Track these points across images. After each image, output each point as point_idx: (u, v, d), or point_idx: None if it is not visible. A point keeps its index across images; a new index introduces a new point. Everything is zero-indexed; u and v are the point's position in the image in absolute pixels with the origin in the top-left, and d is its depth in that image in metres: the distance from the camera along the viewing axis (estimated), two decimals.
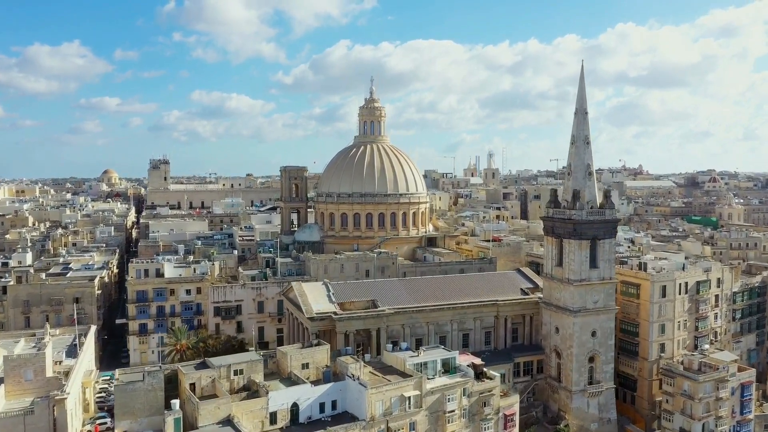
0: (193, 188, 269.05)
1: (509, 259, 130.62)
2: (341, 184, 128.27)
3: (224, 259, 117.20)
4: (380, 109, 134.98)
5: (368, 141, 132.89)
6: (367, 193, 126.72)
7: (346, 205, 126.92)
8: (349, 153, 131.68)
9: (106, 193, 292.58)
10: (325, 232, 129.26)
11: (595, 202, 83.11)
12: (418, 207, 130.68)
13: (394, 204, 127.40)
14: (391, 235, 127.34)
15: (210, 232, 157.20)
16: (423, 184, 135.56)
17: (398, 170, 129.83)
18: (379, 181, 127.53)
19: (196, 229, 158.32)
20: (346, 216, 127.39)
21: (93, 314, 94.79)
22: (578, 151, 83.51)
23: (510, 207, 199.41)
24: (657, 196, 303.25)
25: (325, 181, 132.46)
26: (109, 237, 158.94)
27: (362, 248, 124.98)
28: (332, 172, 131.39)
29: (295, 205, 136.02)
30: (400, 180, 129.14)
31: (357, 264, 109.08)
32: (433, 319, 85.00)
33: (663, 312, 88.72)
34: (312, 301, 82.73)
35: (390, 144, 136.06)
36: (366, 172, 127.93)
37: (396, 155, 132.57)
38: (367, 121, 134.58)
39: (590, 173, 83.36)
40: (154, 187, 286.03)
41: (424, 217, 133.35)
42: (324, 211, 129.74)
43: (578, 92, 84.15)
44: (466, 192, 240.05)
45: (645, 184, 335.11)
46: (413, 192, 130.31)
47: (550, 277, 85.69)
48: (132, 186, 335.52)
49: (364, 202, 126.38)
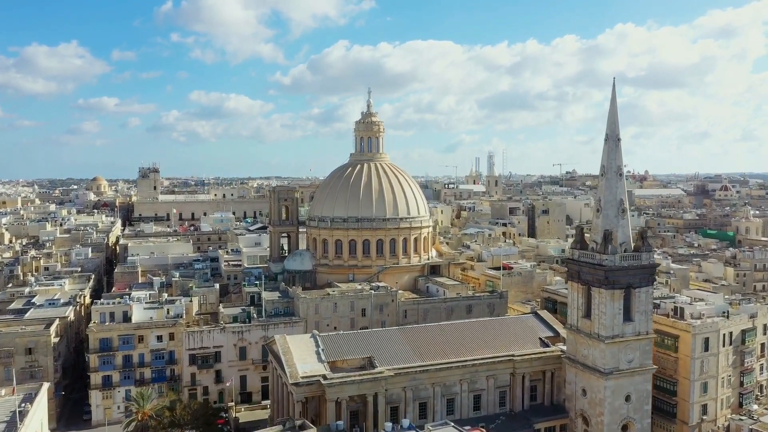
0: (183, 199, 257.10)
1: (520, 289, 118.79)
2: (335, 208, 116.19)
3: (204, 294, 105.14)
4: (378, 123, 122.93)
5: (365, 159, 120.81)
6: (363, 217, 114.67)
7: (340, 230, 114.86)
8: (344, 173, 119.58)
9: (93, 203, 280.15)
10: (318, 260, 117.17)
11: (629, 243, 71.10)
12: (420, 232, 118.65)
13: (393, 229, 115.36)
14: (391, 263, 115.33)
15: (194, 255, 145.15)
16: (425, 206, 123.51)
17: (398, 192, 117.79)
18: (377, 205, 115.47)
19: (180, 252, 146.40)
20: (341, 243, 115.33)
21: (48, 368, 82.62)
22: (609, 184, 71.46)
23: (517, 223, 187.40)
24: (667, 206, 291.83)
25: (317, 204, 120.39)
26: (85, 260, 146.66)
27: (359, 278, 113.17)
28: (326, 193, 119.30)
29: (286, 229, 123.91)
30: (400, 203, 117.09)
31: (352, 302, 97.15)
32: (440, 379, 73.00)
33: (706, 368, 76.77)
34: (298, 359, 70.66)
35: (389, 162, 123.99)
36: (362, 194, 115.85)
37: (396, 175, 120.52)
38: (363, 137, 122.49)
39: (623, 210, 71.30)
40: (142, 196, 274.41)
41: (427, 243, 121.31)
42: (317, 236, 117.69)
43: (609, 116, 72.09)
44: (469, 204, 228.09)
45: (653, 193, 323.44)
46: (414, 216, 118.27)
47: (576, 330, 73.68)
48: (121, 195, 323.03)
49: (361, 227, 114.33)
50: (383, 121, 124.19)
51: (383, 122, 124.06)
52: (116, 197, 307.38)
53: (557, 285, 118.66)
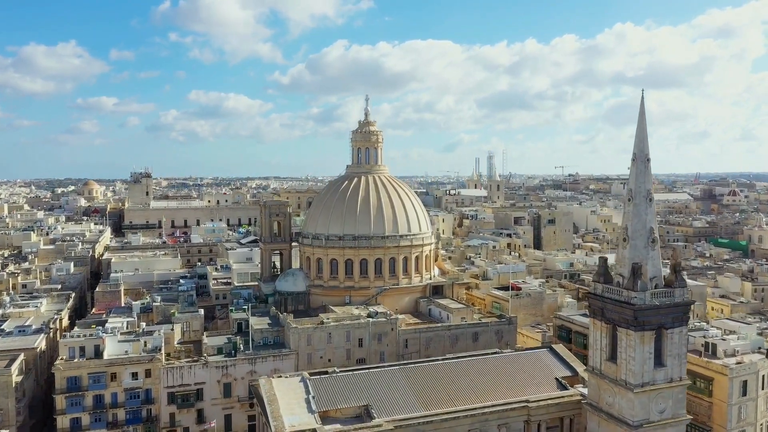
0: (175, 206, 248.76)
1: (529, 312, 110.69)
2: (330, 224, 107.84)
3: (188, 320, 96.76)
4: (377, 133, 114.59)
5: (362, 172, 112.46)
6: (361, 235, 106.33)
7: (336, 249, 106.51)
8: (339, 186, 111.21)
9: (84, 209, 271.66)
10: (312, 281, 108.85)
11: (660, 278, 62.83)
12: (422, 250, 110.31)
13: (393, 248, 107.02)
14: (390, 284, 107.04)
15: (182, 271, 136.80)
16: (427, 221, 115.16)
17: (398, 207, 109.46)
18: (375, 221, 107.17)
19: (166, 267, 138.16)
20: (336, 262, 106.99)
21: (9, 411, 74.20)
22: (638, 210, 63.21)
23: (522, 233, 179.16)
24: (674, 211, 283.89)
25: (311, 220, 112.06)
26: (67, 275, 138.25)
27: (356, 300, 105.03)
28: (320, 209, 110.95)
29: (277, 246, 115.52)
30: (400, 219, 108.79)
31: (348, 332, 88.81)
32: (446, 431, 64.75)
33: (743, 415, 68.62)
34: (285, 409, 62.41)
35: (388, 175, 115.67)
36: (360, 209, 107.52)
37: (395, 188, 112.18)
38: (361, 148, 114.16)
39: (654, 240, 63.04)
40: (134, 202, 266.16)
41: (429, 261, 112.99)
42: (310, 255, 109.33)
43: (637, 133, 63.83)
44: (472, 211, 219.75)
45: (659, 198, 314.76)
46: (416, 233, 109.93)
47: (599, 374, 65.42)
48: (113, 200, 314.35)
49: (358, 246, 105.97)
50: (382, 131, 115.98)
51: (382, 132, 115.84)
52: (107, 202, 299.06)
53: (569, 309, 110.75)
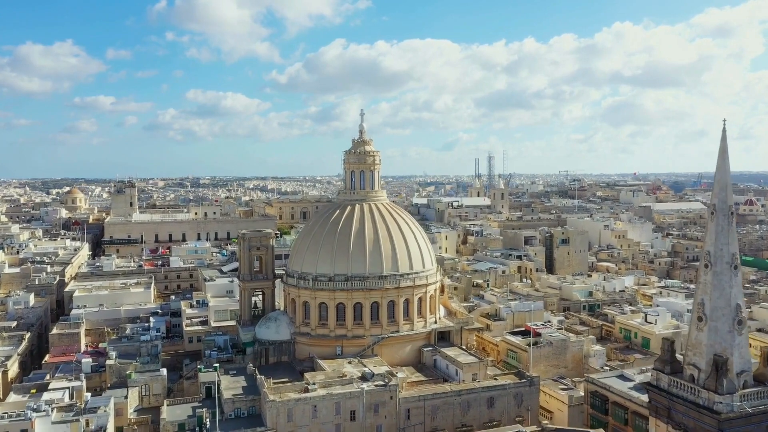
0: (159, 219, 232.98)
1: (551, 363, 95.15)
2: (319, 262, 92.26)
3: (147, 383, 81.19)
4: (373, 154, 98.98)
5: (357, 199, 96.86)
6: (354, 275, 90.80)
7: (325, 292, 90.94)
8: (330, 217, 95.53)
9: (64, 221, 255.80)
10: (297, 327, 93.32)
11: (750, 372, 47.41)
12: (425, 290, 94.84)
13: (392, 290, 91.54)
14: (389, 331, 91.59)
15: (153, 306, 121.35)
16: (431, 255, 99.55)
17: (398, 241, 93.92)
18: (371, 259, 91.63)
19: (138, 301, 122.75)
20: (326, 306, 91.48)
21: None
22: (719, 280, 47.83)
23: (533, 255, 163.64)
24: (689, 222, 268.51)
25: (297, 256, 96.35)
26: (25, 309, 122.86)
27: (348, 351, 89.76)
28: (307, 243, 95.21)
29: (259, 285, 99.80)
30: (400, 255, 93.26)
31: (337, 404, 73.26)
32: None
33: None
34: None
35: (387, 201, 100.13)
36: (353, 244, 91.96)
37: (395, 218, 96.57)
38: (355, 170, 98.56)
39: (740, 321, 47.58)
40: (117, 213, 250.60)
41: (434, 302, 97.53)
42: (296, 297, 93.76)
43: (717, 177, 48.46)
44: (476, 227, 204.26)
45: (672, 207, 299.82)
46: (418, 270, 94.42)
47: None
48: (98, 208, 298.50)
49: (351, 288, 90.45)
50: (379, 151, 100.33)
51: (379, 152, 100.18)
52: (91, 212, 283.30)
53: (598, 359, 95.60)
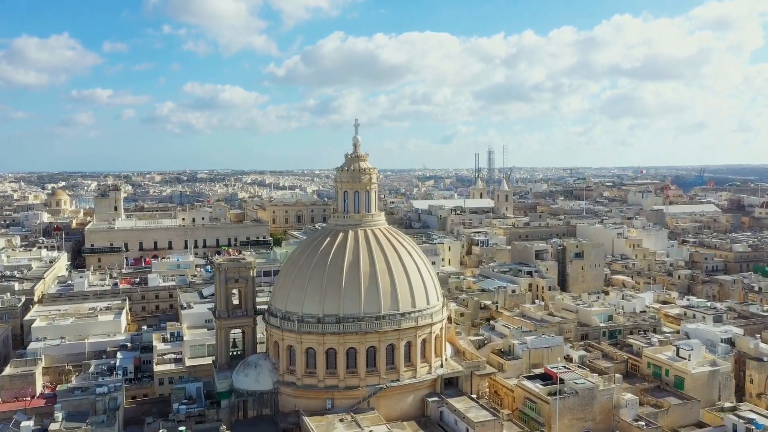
0: (144, 225, 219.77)
1: (576, 416, 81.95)
2: (306, 300, 78.97)
3: None
4: (369, 171, 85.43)
5: (350, 225, 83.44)
6: (348, 315, 77.56)
7: (313, 335, 77.68)
8: (319, 246, 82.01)
9: (45, 227, 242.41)
10: (281, 376, 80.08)
11: None
12: (430, 330, 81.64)
13: (392, 332, 78.33)
14: (388, 380, 78.47)
15: (123, 337, 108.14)
16: (437, 287, 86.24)
17: (398, 273, 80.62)
18: (367, 295, 78.35)
19: (106, 331, 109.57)
20: (314, 352, 78.25)
21: None
22: None
23: (545, 270, 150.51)
24: (703, 226, 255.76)
25: (280, 292, 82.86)
26: None
27: (340, 405, 76.80)
28: (292, 277, 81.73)
29: (237, 322, 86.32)
30: (401, 290, 79.99)
31: None
32: None
33: None
34: None
35: (385, 227, 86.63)
36: (346, 279, 78.62)
37: (394, 246, 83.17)
38: (348, 191, 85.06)
39: None
40: (101, 218, 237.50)
41: (439, 343, 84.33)
42: (279, 340, 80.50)
43: None
44: (481, 236, 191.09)
45: (685, 210, 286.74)
46: (422, 308, 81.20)
47: None
48: (83, 211, 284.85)
49: (344, 331, 77.20)
50: (376, 168, 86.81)
51: (376, 169, 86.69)
52: (74, 216, 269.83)
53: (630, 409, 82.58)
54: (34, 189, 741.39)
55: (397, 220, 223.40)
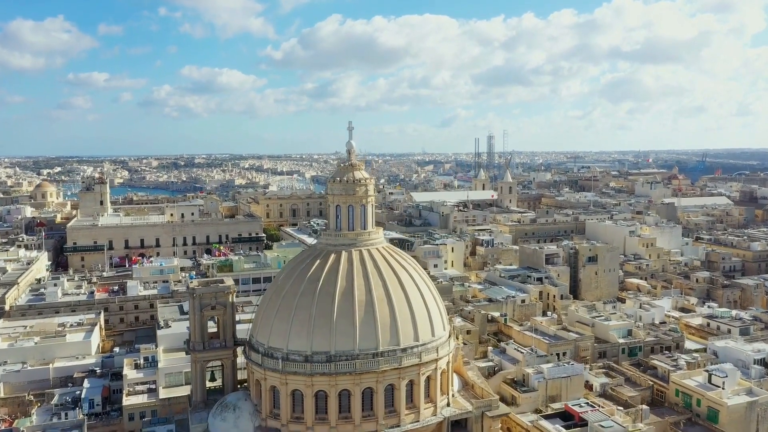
0: (129, 222, 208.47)
1: None
2: (292, 335, 68.12)
3: None
4: (365, 182, 74.06)
5: (343, 244, 72.35)
6: (340, 353, 66.77)
7: (301, 376, 66.90)
8: (307, 270, 70.89)
9: (28, 222, 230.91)
10: (264, 420, 69.35)
11: None
12: (435, 365, 70.91)
13: (391, 371, 67.58)
14: (388, 425, 67.92)
15: (92, 361, 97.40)
16: (443, 315, 75.36)
17: (399, 301, 69.70)
18: (363, 329, 67.50)
19: (75, 353, 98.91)
20: (302, 395, 67.53)
21: None
22: None
23: (556, 276, 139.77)
24: (716, 221, 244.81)
25: (263, 323, 71.87)
26: None
27: None
28: (275, 307, 70.71)
29: (215, 355, 75.51)
30: (402, 321, 69.14)
31: None
32: None
33: None
34: None
35: (385, 245, 75.47)
36: (338, 310, 67.69)
37: (393, 270, 72.09)
38: (341, 204, 73.80)
39: None
40: (85, 213, 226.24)
41: (446, 379, 73.64)
42: (261, 379, 69.75)
43: None
44: (486, 234, 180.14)
45: (697, 203, 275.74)
46: (426, 341, 70.42)
47: None
48: (69, 207, 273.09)
49: (336, 371, 66.42)
50: (373, 177, 75.61)
51: (372, 179, 75.42)
52: (59, 210, 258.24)
53: None
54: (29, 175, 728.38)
55: (396, 216, 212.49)
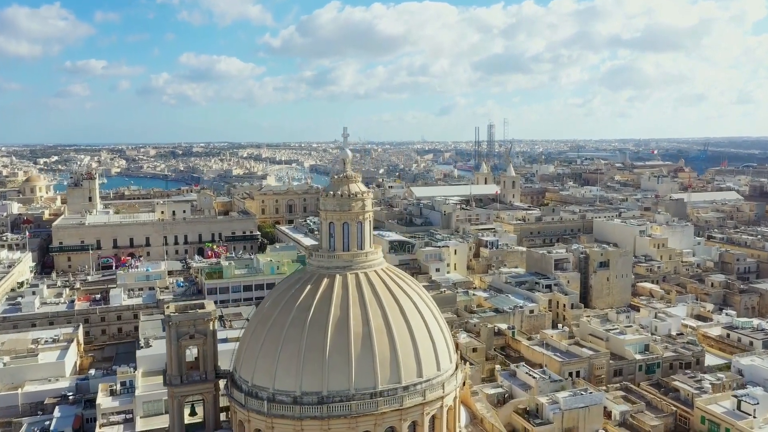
0: (118, 221, 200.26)
1: None
2: (279, 372, 60.16)
3: None
4: (362, 197, 65.70)
5: (338, 267, 64.19)
6: (334, 393, 58.84)
7: (288, 420, 58.99)
8: (297, 298, 62.79)
9: (14, 218, 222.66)
10: None
11: None
12: (441, 403, 63.01)
13: (391, 413, 59.70)
14: None
15: (65, 384, 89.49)
16: (449, 346, 67.34)
17: (401, 333, 61.71)
18: (359, 365, 59.54)
19: (47, 375, 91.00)
20: None
21: None
22: None
23: (566, 282, 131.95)
24: (726, 217, 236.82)
25: (246, 357, 63.84)
26: None
27: None
28: (259, 339, 62.67)
29: (194, 389, 67.68)
30: (404, 355, 61.18)
31: None
32: None
33: None
34: None
35: (385, 267, 67.25)
36: (332, 344, 59.67)
37: (394, 295, 63.98)
38: (335, 221, 65.51)
39: None
40: (73, 210, 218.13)
41: (452, 416, 65.75)
42: (244, 420, 61.81)
43: None
44: (490, 235, 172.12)
45: (705, 198, 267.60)
46: (431, 376, 62.52)
47: None
48: (59, 202, 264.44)
49: (328, 414, 58.46)
50: (370, 191, 67.32)
51: (370, 192, 67.09)
52: (48, 206, 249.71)
53: None
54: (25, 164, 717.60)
55: (396, 214, 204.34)
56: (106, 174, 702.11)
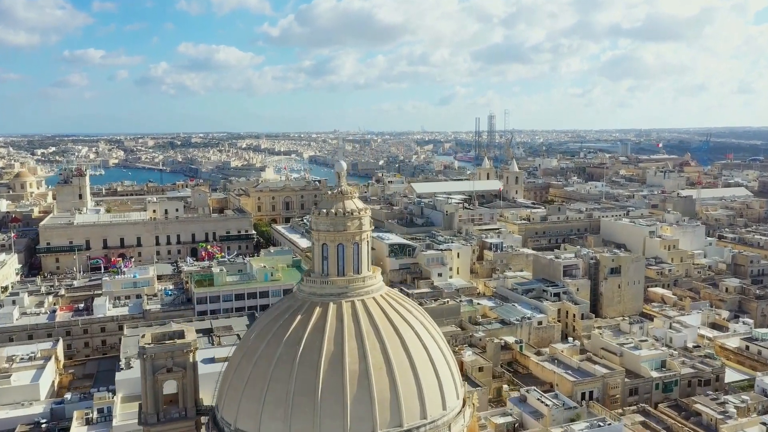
0: (108, 220, 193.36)
1: None
2: (264, 415, 53.41)
3: None
4: (358, 215, 58.63)
5: (332, 294, 57.28)
6: None
7: None
8: (285, 330, 55.95)
9: (1, 217, 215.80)
10: None
11: None
12: None
13: None
14: None
15: (39, 411, 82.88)
16: (456, 381, 60.51)
17: (402, 370, 54.88)
18: (355, 408, 52.80)
19: (20, 399, 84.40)
20: None
21: None
22: None
23: (575, 290, 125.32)
24: (735, 214, 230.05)
25: (229, 396, 57.09)
26: None
27: None
28: (243, 377, 55.98)
29: (173, 427, 61.07)
30: (406, 394, 54.40)
31: None
32: None
33: None
34: None
35: (383, 293, 60.34)
36: (324, 383, 52.88)
37: (394, 325, 57.10)
38: (328, 243, 58.57)
39: None
40: (63, 208, 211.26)
41: None
42: None
43: None
44: (494, 236, 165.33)
45: (714, 195, 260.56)
46: (436, 417, 55.81)
47: None
48: (50, 198, 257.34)
49: None
50: (368, 208, 60.31)
51: (368, 209, 60.07)
52: (37, 204, 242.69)
53: None
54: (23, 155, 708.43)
55: (396, 213, 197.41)
56: (103, 165, 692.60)
